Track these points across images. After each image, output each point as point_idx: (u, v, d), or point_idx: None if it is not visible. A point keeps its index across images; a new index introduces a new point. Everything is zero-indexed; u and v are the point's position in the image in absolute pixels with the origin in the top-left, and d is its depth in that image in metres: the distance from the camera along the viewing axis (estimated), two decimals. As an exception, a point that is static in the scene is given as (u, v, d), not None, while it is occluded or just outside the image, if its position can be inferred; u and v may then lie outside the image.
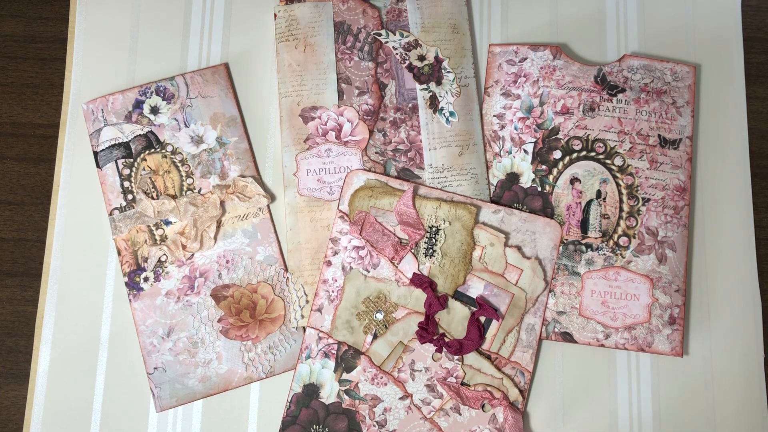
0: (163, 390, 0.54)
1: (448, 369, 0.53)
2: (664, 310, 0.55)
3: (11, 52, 0.61)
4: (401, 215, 0.54)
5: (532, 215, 0.55)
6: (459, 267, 0.54)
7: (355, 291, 0.54)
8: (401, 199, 0.54)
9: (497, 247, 0.54)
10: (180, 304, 0.55)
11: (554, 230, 0.55)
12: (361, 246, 0.55)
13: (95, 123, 0.56)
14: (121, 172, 0.56)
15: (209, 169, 0.56)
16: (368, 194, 0.55)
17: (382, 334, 0.53)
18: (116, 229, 0.55)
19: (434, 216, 0.55)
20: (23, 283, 0.57)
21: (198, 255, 0.55)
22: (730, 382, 0.55)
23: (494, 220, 0.55)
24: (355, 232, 0.55)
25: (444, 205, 0.55)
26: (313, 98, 0.57)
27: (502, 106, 0.58)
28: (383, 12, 0.58)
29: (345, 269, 0.54)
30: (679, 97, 0.57)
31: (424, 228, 0.54)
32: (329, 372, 0.53)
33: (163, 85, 0.57)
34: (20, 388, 0.56)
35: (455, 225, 0.54)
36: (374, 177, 0.55)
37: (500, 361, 0.54)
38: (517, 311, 0.54)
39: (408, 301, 0.54)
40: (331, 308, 0.54)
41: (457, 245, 0.54)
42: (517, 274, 0.54)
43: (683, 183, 0.56)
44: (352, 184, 0.55)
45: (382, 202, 0.55)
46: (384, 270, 0.54)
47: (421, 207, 0.55)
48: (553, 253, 0.55)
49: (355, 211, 0.55)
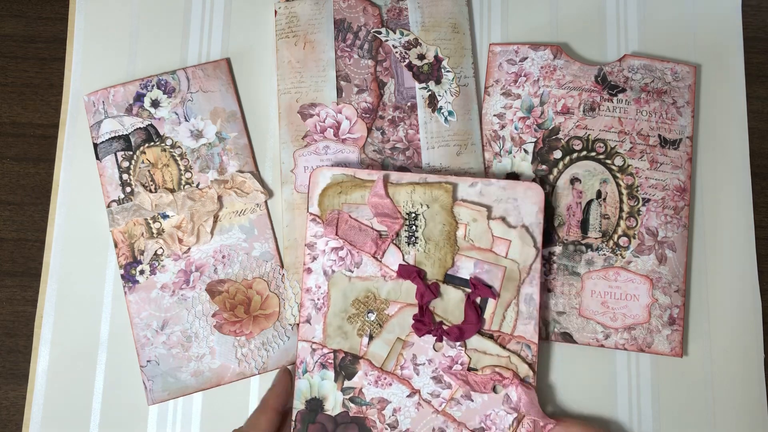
0: (155, 383, 0.54)
1: (452, 357, 0.51)
2: (664, 310, 0.54)
3: (11, 52, 0.61)
4: (376, 207, 0.52)
5: (511, 181, 0.53)
6: (445, 249, 0.52)
7: (342, 294, 0.52)
8: (373, 190, 0.52)
9: (481, 222, 0.52)
10: (175, 298, 0.55)
11: (536, 193, 0.53)
12: (340, 246, 0.53)
13: (96, 115, 0.57)
14: (120, 165, 0.56)
15: (208, 163, 0.56)
16: (337, 191, 0.53)
17: (378, 333, 0.52)
18: (113, 221, 0.55)
19: (410, 201, 0.53)
20: (23, 283, 0.57)
21: (194, 249, 0.55)
22: (730, 382, 0.54)
23: (473, 194, 0.53)
24: (330, 233, 0.52)
25: (418, 188, 0.53)
26: (312, 95, 0.57)
27: (502, 106, 0.58)
28: (384, 10, 0.58)
29: (327, 274, 0.52)
30: (680, 97, 0.57)
31: (402, 216, 0.53)
32: (330, 383, 0.51)
33: (165, 79, 0.57)
34: (20, 388, 0.56)
35: (434, 207, 0.53)
36: (340, 171, 0.53)
37: (504, 338, 0.52)
38: (512, 284, 0.52)
39: (399, 295, 0.52)
40: (319, 317, 0.52)
41: (439, 228, 0.52)
42: (505, 246, 0.52)
43: (683, 183, 0.56)
44: (318, 182, 0.53)
45: (353, 197, 0.53)
46: (368, 267, 0.52)
47: (395, 194, 0.53)
48: (539, 216, 0.52)
49: (327, 211, 0.53)
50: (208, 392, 0.55)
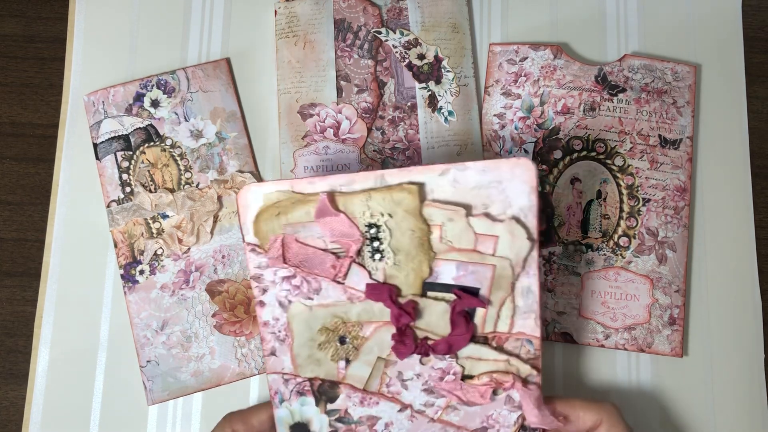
0: (155, 383, 0.54)
1: (442, 368, 0.45)
2: (664, 310, 0.54)
3: (10, 52, 0.61)
4: (326, 227, 0.43)
5: (493, 162, 0.42)
6: (419, 258, 0.43)
7: (305, 325, 0.45)
8: (318, 209, 0.42)
9: (458, 221, 0.43)
10: (175, 298, 0.55)
11: (525, 170, 0.42)
12: (292, 275, 0.44)
13: (96, 115, 0.57)
14: (120, 165, 0.56)
15: (208, 163, 0.56)
16: (274, 212, 0.43)
17: (355, 356, 0.45)
18: (113, 221, 0.55)
19: (367, 212, 0.43)
20: (23, 283, 0.57)
21: (194, 249, 0.55)
22: (730, 382, 0.54)
23: (445, 186, 0.42)
24: (277, 263, 0.43)
25: (375, 195, 0.42)
26: (312, 95, 0.57)
27: (502, 106, 0.58)
28: (384, 10, 0.58)
29: (283, 305, 0.44)
30: (680, 97, 0.57)
31: (360, 231, 0.43)
32: (311, 407, 0.46)
33: (164, 79, 0.57)
34: (20, 388, 0.56)
35: (397, 213, 0.42)
36: (274, 188, 0.42)
37: (500, 338, 0.45)
38: (505, 281, 0.44)
39: (372, 315, 0.45)
40: (285, 348, 0.45)
41: (407, 235, 0.43)
42: (492, 243, 0.43)
43: (683, 183, 0.56)
44: (249, 205, 0.43)
45: (295, 215, 0.43)
46: (330, 292, 0.44)
47: (348, 205, 0.42)
48: (531, 198, 0.42)
49: (267, 239, 0.43)
50: (208, 392, 0.55)
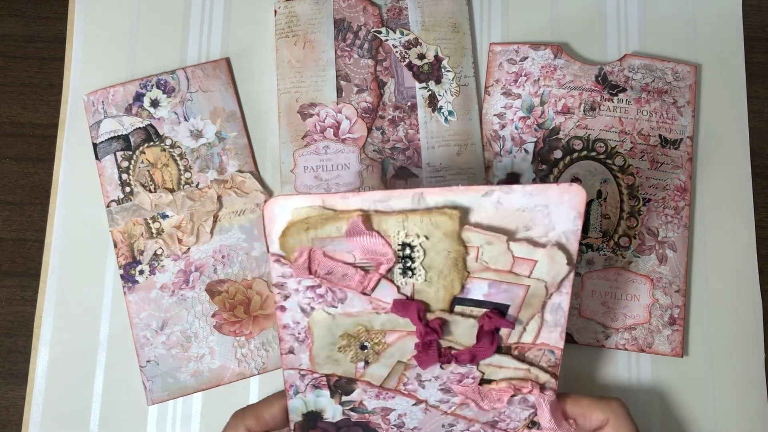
0: (155, 383, 0.54)
1: (462, 373, 0.45)
2: (665, 310, 0.54)
3: (10, 52, 0.61)
4: (358, 245, 0.41)
5: (541, 186, 0.39)
6: (451, 276, 0.42)
7: (326, 330, 0.43)
8: (349, 229, 0.40)
9: (497, 245, 0.41)
10: (174, 298, 0.55)
11: (575, 196, 0.39)
12: (317, 285, 0.42)
13: (95, 115, 0.56)
14: (120, 165, 0.56)
15: (207, 163, 0.56)
16: (303, 227, 0.40)
17: (375, 360, 0.44)
18: (113, 221, 0.55)
19: (403, 231, 0.40)
20: (22, 283, 0.57)
21: (194, 249, 0.55)
22: (730, 382, 0.54)
23: (487, 208, 0.40)
24: (302, 274, 0.41)
25: (412, 217, 0.40)
26: (312, 95, 0.57)
27: (502, 106, 0.58)
28: (384, 10, 0.58)
29: (305, 311, 0.43)
30: (680, 96, 0.57)
31: (394, 250, 0.41)
32: (326, 399, 0.46)
33: (164, 79, 0.57)
34: (19, 389, 0.56)
35: (434, 235, 0.40)
36: (304, 203, 0.40)
37: (523, 347, 0.44)
38: (537, 300, 0.43)
39: (397, 325, 0.43)
40: (304, 347, 0.44)
41: (442, 255, 0.41)
42: (529, 266, 0.42)
43: (684, 183, 0.56)
44: (276, 218, 0.40)
45: (325, 230, 0.40)
46: (355, 302, 0.42)
47: (382, 224, 0.40)
48: (576, 222, 0.40)
49: (294, 250, 0.41)
50: (207, 392, 0.55)
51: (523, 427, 0.47)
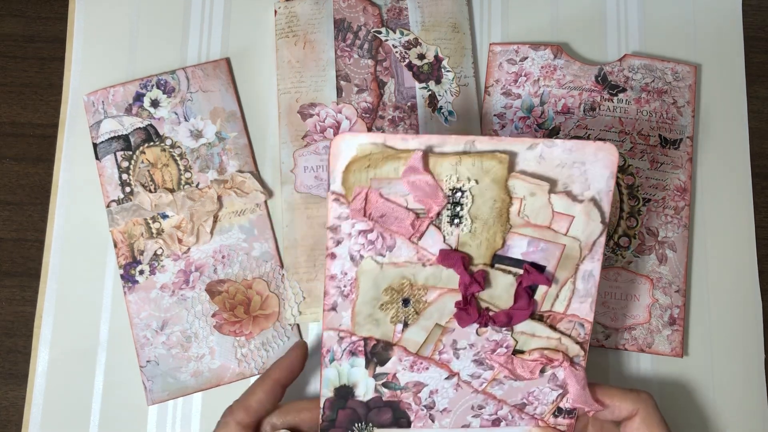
0: (155, 383, 0.54)
1: (496, 341, 0.46)
2: (665, 310, 0.54)
3: (10, 52, 0.61)
4: (412, 185, 0.43)
5: (579, 142, 0.43)
6: (494, 229, 0.44)
7: (372, 282, 0.45)
8: (409, 166, 0.43)
9: (540, 197, 0.43)
10: (174, 298, 0.55)
11: (608, 154, 0.43)
12: (369, 229, 0.44)
13: (95, 115, 0.56)
14: (120, 165, 0.56)
15: (207, 163, 0.56)
16: (365, 164, 0.43)
17: (415, 320, 0.46)
18: (113, 221, 0.55)
19: (455, 176, 0.43)
20: (22, 283, 0.57)
21: (194, 249, 0.55)
22: (730, 382, 0.54)
23: (531, 161, 0.43)
24: (357, 215, 0.44)
25: (465, 159, 0.43)
26: (312, 95, 0.57)
27: (502, 106, 0.58)
28: (384, 10, 0.58)
29: (354, 259, 0.45)
30: (680, 96, 0.57)
31: (445, 194, 0.43)
32: (360, 369, 0.46)
33: (164, 79, 0.57)
34: (19, 389, 0.56)
35: (484, 181, 0.43)
36: (368, 140, 0.43)
37: (554, 317, 0.46)
38: (571, 262, 0.45)
39: (439, 281, 0.45)
40: (347, 304, 0.45)
41: (488, 204, 0.44)
42: (567, 222, 0.44)
43: (684, 183, 0.56)
44: (341, 154, 0.43)
45: (384, 170, 0.43)
46: (402, 251, 0.44)
47: (437, 166, 0.43)
48: (609, 183, 0.44)
49: (353, 189, 0.43)
50: (207, 392, 0.55)
51: (550, 412, 0.48)
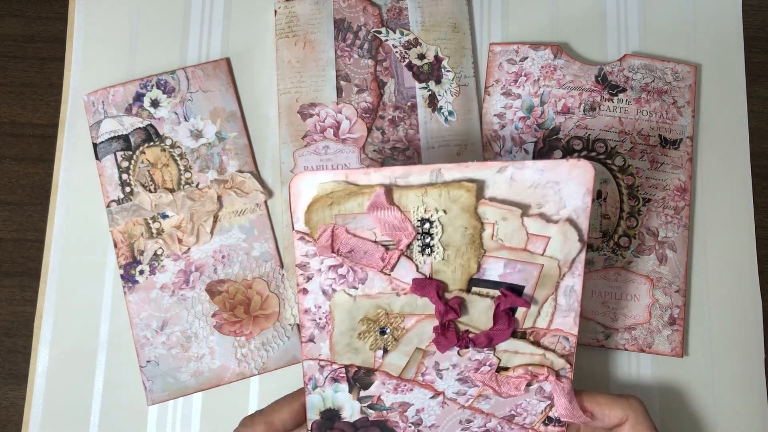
0: (155, 383, 0.54)
1: (479, 360, 0.45)
2: (665, 310, 0.54)
3: (10, 52, 0.61)
4: (379, 220, 0.42)
5: (552, 162, 0.41)
6: (468, 254, 0.43)
7: (347, 314, 0.44)
8: (372, 202, 0.41)
9: (512, 221, 0.42)
10: (174, 298, 0.55)
11: (584, 172, 0.41)
12: (339, 264, 0.43)
13: (95, 115, 0.56)
14: (120, 165, 0.56)
15: (207, 163, 0.56)
16: (327, 202, 0.41)
17: (394, 346, 0.45)
18: (113, 221, 0.55)
19: (422, 207, 0.42)
20: (22, 283, 0.57)
21: (194, 249, 0.55)
22: (730, 382, 0.54)
23: (501, 184, 0.41)
24: (325, 252, 0.42)
25: (431, 190, 0.41)
26: (312, 95, 0.57)
27: (502, 106, 0.58)
28: (384, 10, 0.58)
29: (327, 293, 0.44)
30: (680, 96, 0.57)
31: (413, 225, 0.42)
32: (344, 394, 0.46)
33: (164, 79, 0.57)
34: (19, 389, 0.56)
35: (452, 210, 0.42)
36: (329, 178, 0.41)
37: (537, 333, 0.45)
38: (550, 280, 0.44)
39: (415, 308, 0.44)
40: (324, 335, 0.45)
41: (460, 232, 0.42)
42: (543, 243, 0.43)
43: (684, 183, 0.56)
44: (302, 193, 0.42)
45: (348, 206, 0.42)
46: (375, 283, 0.43)
47: (402, 199, 0.41)
48: (585, 200, 0.42)
49: (318, 227, 0.42)
50: (207, 392, 0.55)
51: (539, 421, 0.47)
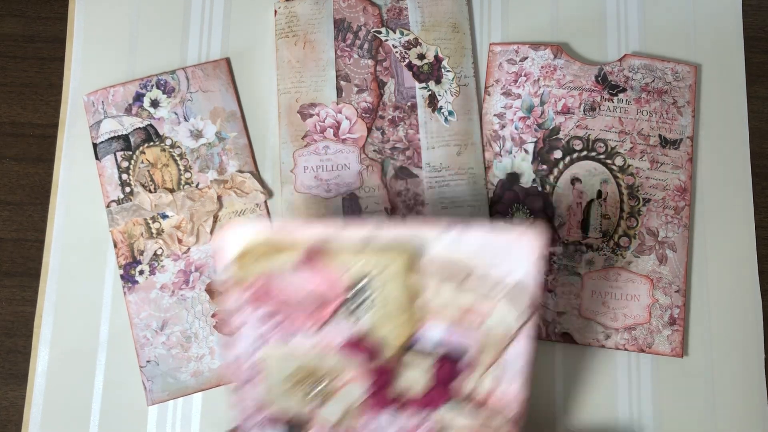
0: (155, 383, 0.54)
1: (416, 424, 0.43)
2: (664, 310, 0.54)
3: (10, 52, 0.61)
4: (310, 278, 0.40)
5: (499, 226, 0.39)
6: (406, 316, 0.41)
7: (277, 369, 0.43)
8: (302, 260, 0.40)
9: (453, 285, 0.40)
10: (174, 298, 0.55)
11: (532, 240, 0.39)
12: (270, 316, 0.42)
13: (95, 115, 0.56)
14: (120, 165, 0.56)
15: (207, 163, 0.56)
16: (254, 257, 0.40)
17: (327, 400, 0.43)
18: (113, 221, 0.55)
19: (353, 268, 0.40)
20: (23, 283, 0.57)
21: (194, 249, 0.55)
22: (730, 382, 0.54)
23: (444, 246, 0.39)
24: (256, 304, 0.41)
25: (364, 252, 0.40)
26: (312, 95, 0.57)
27: (502, 106, 0.58)
28: (384, 10, 0.58)
29: (258, 344, 0.43)
30: (680, 96, 0.57)
31: (344, 286, 0.40)
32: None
33: (164, 79, 0.57)
34: (19, 389, 0.56)
35: (387, 271, 0.40)
36: (256, 233, 0.40)
37: (480, 398, 0.43)
38: (495, 345, 0.41)
39: (347, 365, 0.42)
40: (255, 385, 0.43)
41: (395, 293, 0.40)
42: (488, 308, 0.41)
43: (684, 183, 0.56)
44: (229, 248, 0.41)
45: (278, 261, 0.40)
46: (308, 337, 0.42)
47: (333, 260, 0.40)
48: (536, 267, 0.40)
49: (247, 279, 0.41)
50: (207, 392, 0.54)
51: None
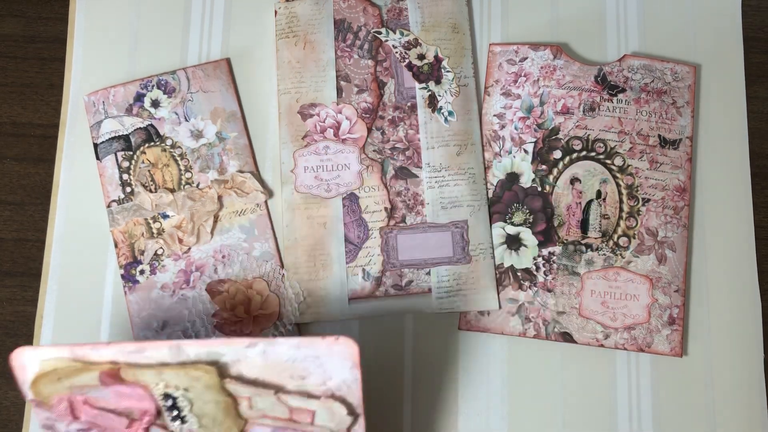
0: (155, 383, 0.54)
1: None
2: (664, 310, 0.54)
3: (11, 52, 0.61)
4: (118, 394, 0.39)
5: (308, 339, 0.39)
6: (228, 423, 0.41)
7: None
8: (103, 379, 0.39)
9: (267, 396, 0.40)
10: (175, 298, 0.55)
11: (345, 347, 0.39)
12: (86, 428, 0.41)
13: (96, 115, 0.57)
14: (121, 165, 0.56)
15: (208, 163, 0.56)
16: (54, 378, 0.39)
17: None
18: (114, 221, 0.55)
19: (161, 384, 0.39)
20: (23, 283, 0.57)
21: (194, 249, 0.55)
22: (730, 382, 0.54)
23: (254, 359, 0.39)
24: (66, 419, 0.40)
25: (167, 370, 0.39)
26: (312, 95, 0.57)
27: (502, 106, 0.58)
28: (384, 10, 0.58)
29: None
30: (680, 97, 0.57)
31: (155, 400, 0.40)
32: None
33: (165, 79, 0.57)
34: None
35: (196, 387, 0.39)
36: (52, 355, 0.39)
37: None
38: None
39: None
40: None
41: (211, 405, 0.40)
42: (309, 415, 0.41)
43: (683, 183, 0.56)
44: (25, 368, 0.39)
45: (81, 379, 0.39)
46: None
47: (139, 375, 0.39)
48: (353, 372, 0.39)
49: (51, 397, 0.39)
50: (208, 392, 0.55)
51: None
